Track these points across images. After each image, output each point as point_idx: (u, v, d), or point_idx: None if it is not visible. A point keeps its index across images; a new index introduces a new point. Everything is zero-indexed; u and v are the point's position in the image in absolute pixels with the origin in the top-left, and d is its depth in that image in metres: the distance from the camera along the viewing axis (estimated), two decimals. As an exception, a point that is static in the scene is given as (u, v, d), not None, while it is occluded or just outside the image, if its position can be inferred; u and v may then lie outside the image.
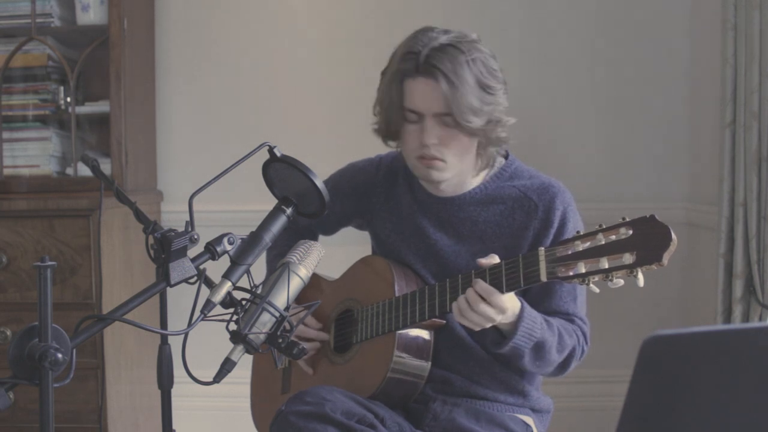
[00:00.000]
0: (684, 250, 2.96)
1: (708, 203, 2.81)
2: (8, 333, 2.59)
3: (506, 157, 1.95)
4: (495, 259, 1.69)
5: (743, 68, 2.41)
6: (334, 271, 2.10)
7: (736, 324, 2.43)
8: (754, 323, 2.33)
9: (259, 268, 1.51)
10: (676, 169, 3.06)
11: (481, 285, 1.65)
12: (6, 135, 2.91)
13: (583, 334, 1.85)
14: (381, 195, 2.00)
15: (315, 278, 2.09)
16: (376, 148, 2.08)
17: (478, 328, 1.69)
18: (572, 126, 3.06)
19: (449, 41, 1.77)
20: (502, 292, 1.65)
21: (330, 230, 2.16)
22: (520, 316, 1.70)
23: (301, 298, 1.96)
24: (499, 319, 1.67)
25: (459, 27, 1.86)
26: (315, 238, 2.16)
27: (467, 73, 1.75)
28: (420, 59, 1.76)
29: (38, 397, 1.22)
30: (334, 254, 2.07)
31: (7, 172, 2.90)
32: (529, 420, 1.90)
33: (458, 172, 1.85)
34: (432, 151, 1.80)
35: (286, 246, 1.78)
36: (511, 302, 1.68)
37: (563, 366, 1.82)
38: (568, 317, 1.84)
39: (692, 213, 2.99)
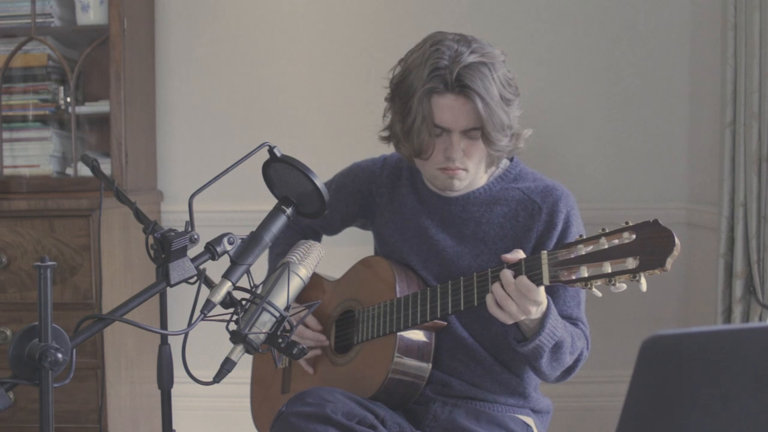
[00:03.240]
0: (684, 250, 2.94)
1: (708, 203, 2.81)
2: (8, 333, 2.59)
3: (511, 159, 1.96)
4: (520, 254, 1.68)
5: (743, 68, 2.41)
6: (335, 271, 2.11)
7: (736, 324, 2.43)
8: (754, 323, 2.33)
9: (259, 268, 1.51)
10: (676, 169, 3.06)
11: (525, 281, 1.62)
12: (6, 135, 2.92)
13: (586, 338, 1.85)
14: (384, 195, 2.00)
15: (316, 278, 2.09)
16: (375, 148, 2.08)
17: (510, 321, 1.67)
18: (572, 126, 3.06)
19: (477, 59, 1.75)
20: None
21: (333, 230, 2.16)
22: (546, 314, 1.69)
23: (302, 298, 1.96)
24: (533, 311, 1.65)
25: (458, 28, 1.86)
26: (318, 238, 2.17)
27: (494, 89, 1.75)
28: (450, 77, 1.73)
29: (38, 397, 1.22)
30: (336, 254, 2.07)
31: (7, 172, 2.90)
32: (529, 420, 1.90)
33: (475, 177, 1.87)
34: (457, 164, 1.81)
35: (288, 245, 1.78)
36: (543, 297, 1.66)
37: (570, 370, 1.82)
38: (572, 321, 1.84)
39: (692, 213, 2.99)
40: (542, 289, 1.64)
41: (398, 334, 1.82)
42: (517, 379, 1.89)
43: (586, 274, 1.54)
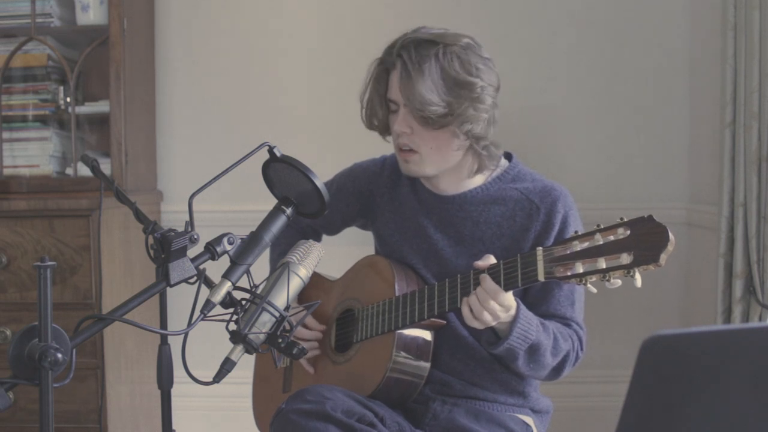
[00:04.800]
0: (684, 250, 2.96)
1: (708, 203, 2.81)
2: (8, 333, 2.59)
3: (510, 159, 1.95)
4: (491, 259, 1.69)
5: (743, 68, 2.41)
6: (335, 270, 2.11)
7: (736, 324, 2.43)
8: (754, 323, 2.33)
9: (259, 269, 1.51)
10: (676, 169, 3.06)
11: (489, 284, 1.64)
12: (6, 135, 2.91)
13: (579, 339, 1.84)
14: (385, 195, 2.00)
15: (316, 277, 2.09)
16: (376, 148, 2.08)
17: (483, 327, 1.68)
18: (572, 126, 3.06)
19: (422, 36, 1.81)
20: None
21: (334, 230, 2.17)
22: (515, 317, 1.69)
23: (303, 297, 1.96)
24: (503, 317, 1.67)
25: (458, 28, 1.86)
26: (318, 238, 2.17)
27: (432, 64, 1.78)
28: (394, 51, 1.82)
29: (38, 397, 1.22)
30: (336, 254, 2.07)
31: (7, 172, 2.90)
32: (529, 420, 1.90)
33: (440, 168, 1.86)
34: (404, 140, 1.84)
35: (289, 245, 1.77)
36: (510, 301, 1.68)
37: (557, 370, 1.82)
38: (565, 321, 1.84)
39: (692, 213, 2.99)
40: (509, 294, 1.66)
41: (397, 332, 1.82)
42: (516, 378, 1.89)
43: (581, 270, 1.54)
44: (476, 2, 3.05)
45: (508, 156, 1.96)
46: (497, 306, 1.65)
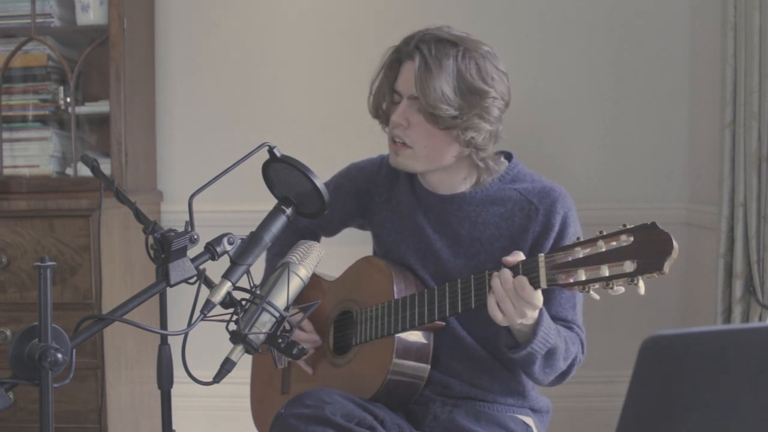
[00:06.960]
0: (684, 250, 2.94)
1: (708, 203, 2.81)
2: (8, 333, 2.59)
3: (509, 160, 1.94)
4: (520, 256, 1.66)
5: (743, 68, 2.41)
6: (334, 271, 2.10)
7: (736, 324, 2.43)
8: (754, 323, 2.33)
9: (259, 268, 1.51)
10: (676, 169, 3.06)
11: (522, 281, 1.61)
12: (6, 135, 2.92)
13: (581, 343, 1.84)
14: (383, 194, 2.00)
15: (314, 277, 2.09)
16: (375, 148, 2.08)
17: (506, 323, 1.65)
18: (572, 126, 3.06)
19: (449, 36, 1.79)
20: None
21: (332, 231, 2.16)
22: (538, 320, 1.67)
23: (301, 297, 1.96)
24: (529, 314, 1.64)
25: (458, 27, 1.86)
26: (316, 240, 2.16)
27: (450, 63, 1.77)
28: (412, 42, 1.80)
29: (38, 397, 1.22)
30: (336, 254, 2.07)
31: (7, 172, 2.90)
32: (529, 420, 1.90)
33: (430, 167, 1.85)
34: (398, 132, 1.83)
35: (285, 245, 1.76)
36: (540, 301, 1.64)
37: (564, 375, 1.80)
38: (567, 324, 1.83)
39: (692, 213, 2.99)
40: (539, 292, 1.62)
41: (396, 336, 1.81)
42: (516, 378, 1.88)
43: (583, 278, 1.53)
44: (476, 2, 3.05)
45: (508, 156, 1.95)
46: (525, 304, 1.61)
